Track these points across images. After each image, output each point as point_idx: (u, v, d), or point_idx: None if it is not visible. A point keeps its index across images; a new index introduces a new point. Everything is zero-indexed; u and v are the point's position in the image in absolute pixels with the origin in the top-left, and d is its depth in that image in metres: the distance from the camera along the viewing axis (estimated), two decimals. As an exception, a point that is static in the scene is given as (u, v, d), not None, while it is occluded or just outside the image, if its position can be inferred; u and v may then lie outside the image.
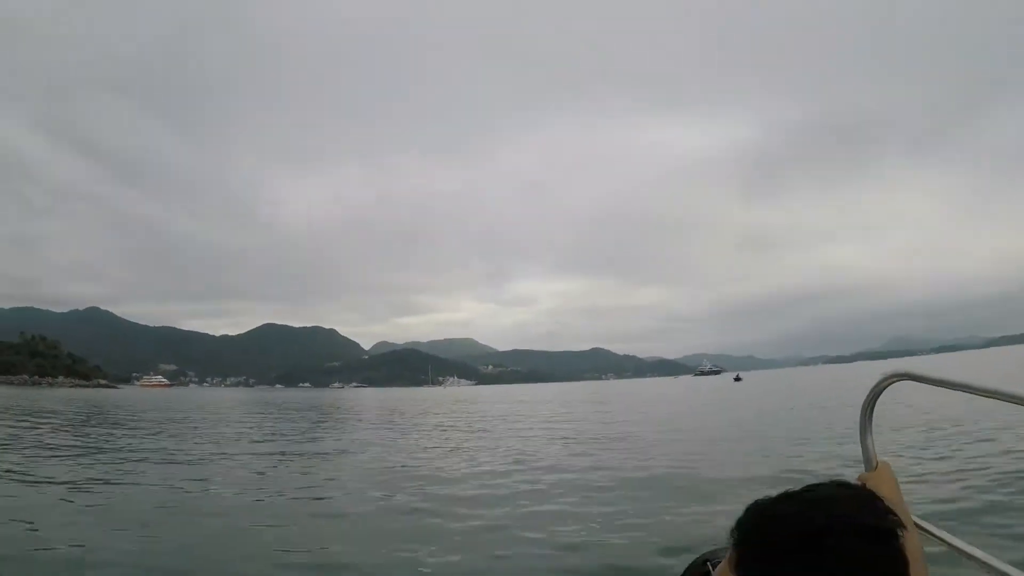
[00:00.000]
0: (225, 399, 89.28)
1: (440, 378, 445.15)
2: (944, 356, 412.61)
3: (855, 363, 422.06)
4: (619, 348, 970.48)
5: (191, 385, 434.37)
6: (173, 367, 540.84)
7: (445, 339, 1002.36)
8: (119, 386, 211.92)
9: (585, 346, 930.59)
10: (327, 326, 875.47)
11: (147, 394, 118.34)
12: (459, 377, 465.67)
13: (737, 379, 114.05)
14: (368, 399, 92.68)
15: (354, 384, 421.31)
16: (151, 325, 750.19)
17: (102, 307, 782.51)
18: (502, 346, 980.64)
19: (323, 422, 35.18)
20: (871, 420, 1.35)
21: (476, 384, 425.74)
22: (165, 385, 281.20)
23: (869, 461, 1.32)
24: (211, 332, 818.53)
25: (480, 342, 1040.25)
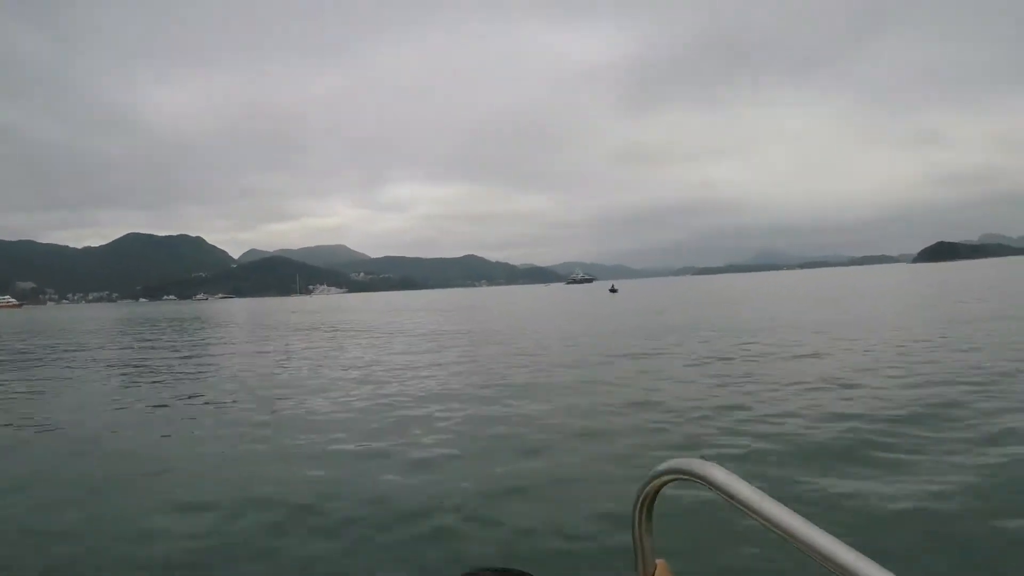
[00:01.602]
0: (77, 318, 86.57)
1: (310, 287, 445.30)
2: (806, 271, 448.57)
3: (724, 275, 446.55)
4: (493, 255, 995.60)
5: (49, 304, 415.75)
6: (31, 285, 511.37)
7: (317, 246, 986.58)
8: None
9: (459, 253, 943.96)
10: (194, 234, 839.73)
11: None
12: (330, 285, 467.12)
13: (613, 290, 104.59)
14: (225, 312, 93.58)
15: (220, 295, 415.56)
16: (7, 240, 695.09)
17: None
18: (375, 253, 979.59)
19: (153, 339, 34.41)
20: (649, 517, 1.08)
21: (347, 292, 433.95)
22: (13, 306, 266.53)
23: (646, 565, 1.09)
24: (74, 244, 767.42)
25: (353, 249, 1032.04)
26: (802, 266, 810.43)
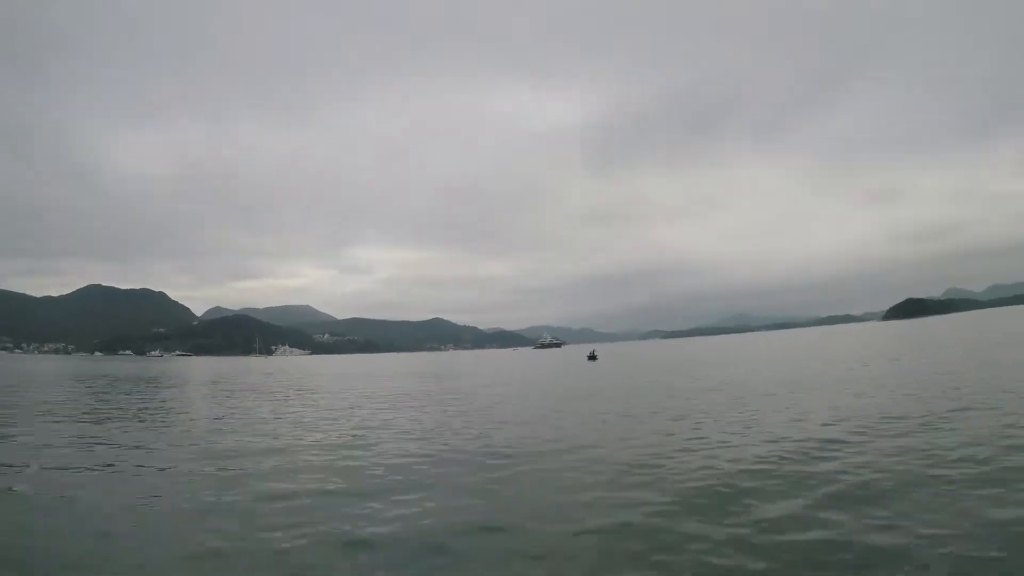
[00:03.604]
0: (20, 371, 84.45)
1: (272, 347, 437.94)
2: (778, 332, 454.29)
3: (693, 338, 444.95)
4: (460, 319, 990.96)
5: (1, 352, 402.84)
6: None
7: (282, 306, 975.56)
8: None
9: (426, 316, 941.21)
10: (157, 288, 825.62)
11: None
12: (292, 346, 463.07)
13: (592, 357, 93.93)
14: (177, 371, 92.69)
15: (177, 353, 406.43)
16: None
17: None
18: (341, 314, 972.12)
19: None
20: None
21: (310, 354, 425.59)
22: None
23: None
24: (34, 293, 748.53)
25: (318, 309, 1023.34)
26: (769, 327, 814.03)
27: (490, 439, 17.99)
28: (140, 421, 24.63)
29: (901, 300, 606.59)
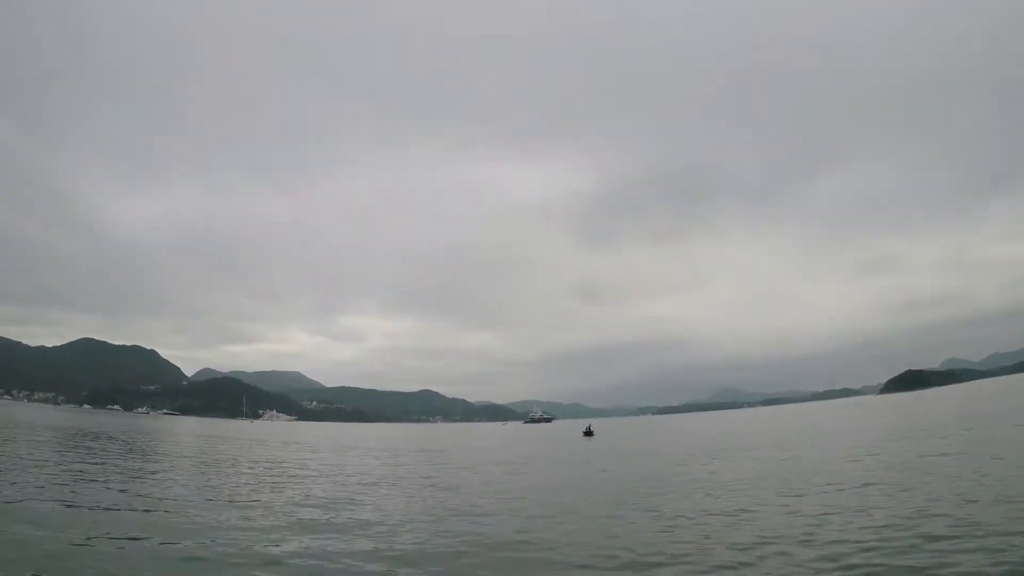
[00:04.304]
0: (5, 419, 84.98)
1: (260, 412, 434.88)
2: (771, 408, 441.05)
3: (685, 414, 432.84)
4: (448, 391, 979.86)
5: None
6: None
7: (272, 371, 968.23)
8: None
9: (415, 387, 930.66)
10: (148, 346, 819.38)
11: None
12: (279, 411, 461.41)
13: (588, 432, 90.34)
14: (156, 430, 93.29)
15: (164, 411, 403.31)
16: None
17: None
18: (330, 382, 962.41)
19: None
20: None
21: (296, 420, 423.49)
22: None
23: None
24: (28, 341, 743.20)
25: (307, 376, 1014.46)
26: (763, 403, 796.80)
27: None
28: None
29: (899, 372, 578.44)
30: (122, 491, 21.99)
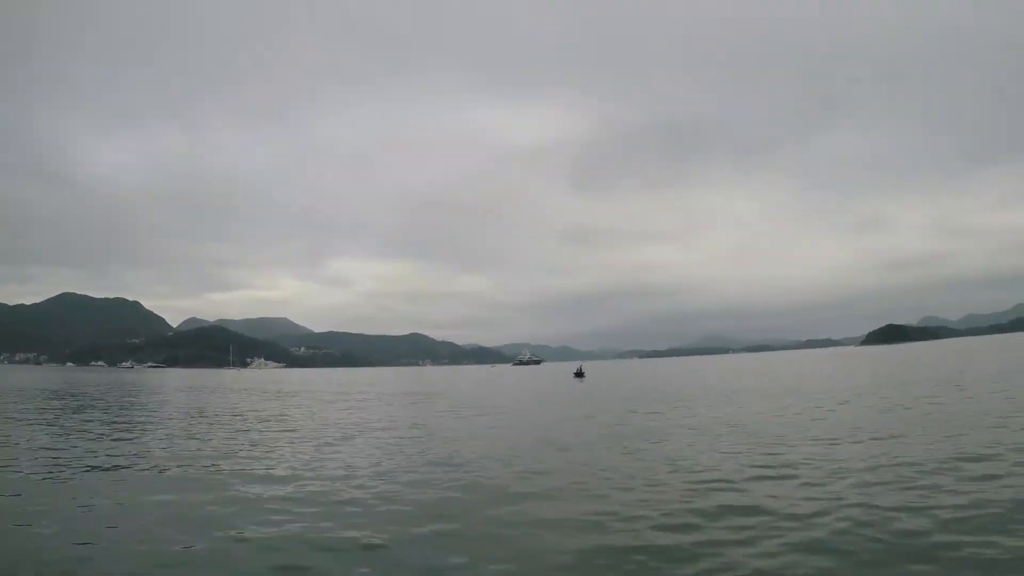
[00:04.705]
0: None
1: (248, 360, 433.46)
2: (754, 354, 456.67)
3: (669, 358, 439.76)
4: (438, 334, 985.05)
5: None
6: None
7: (259, 318, 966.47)
8: None
9: (403, 330, 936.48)
10: (132, 298, 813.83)
11: None
12: (268, 359, 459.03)
13: (579, 374, 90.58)
14: (144, 383, 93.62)
15: (149, 364, 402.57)
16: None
17: None
18: (319, 327, 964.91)
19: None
20: None
21: (285, 367, 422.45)
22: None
23: None
24: (6, 300, 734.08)
25: (295, 322, 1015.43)
26: (747, 349, 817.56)
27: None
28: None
29: (879, 326, 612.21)
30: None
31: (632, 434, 22.65)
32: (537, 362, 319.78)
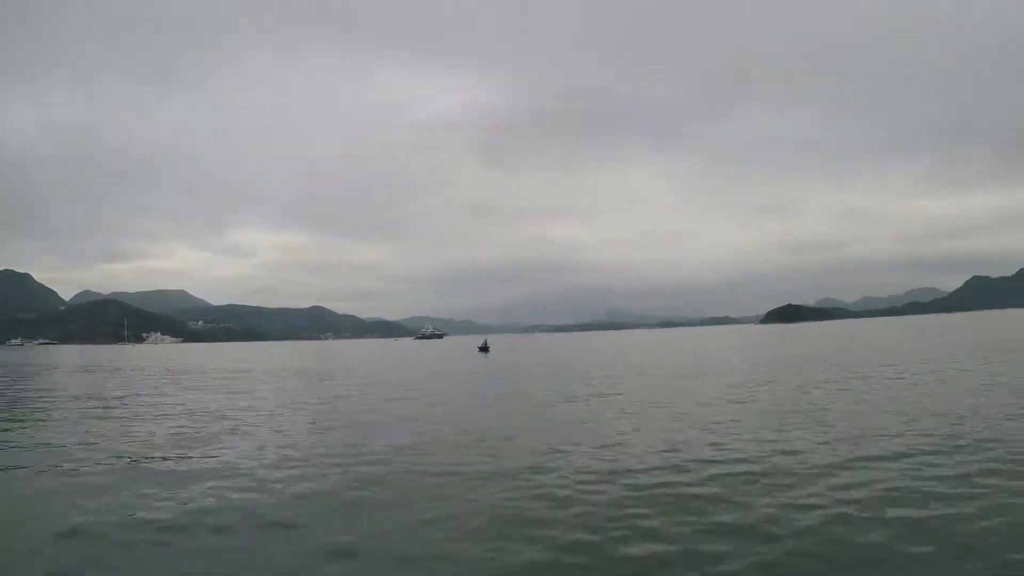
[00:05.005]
0: None
1: (144, 334, 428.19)
2: (660, 330, 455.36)
3: (574, 333, 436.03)
4: (339, 307, 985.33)
5: None
6: None
7: (155, 290, 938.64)
8: None
9: (305, 303, 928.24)
10: (21, 270, 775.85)
11: None
12: (164, 333, 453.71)
13: (484, 348, 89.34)
14: (29, 363, 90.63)
15: (40, 341, 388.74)
16: None
17: None
18: (217, 300, 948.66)
19: None
20: None
21: (183, 341, 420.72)
22: None
23: None
24: None
25: (193, 295, 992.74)
26: (652, 326, 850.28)
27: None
28: None
29: (778, 306, 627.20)
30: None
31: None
32: (440, 336, 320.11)
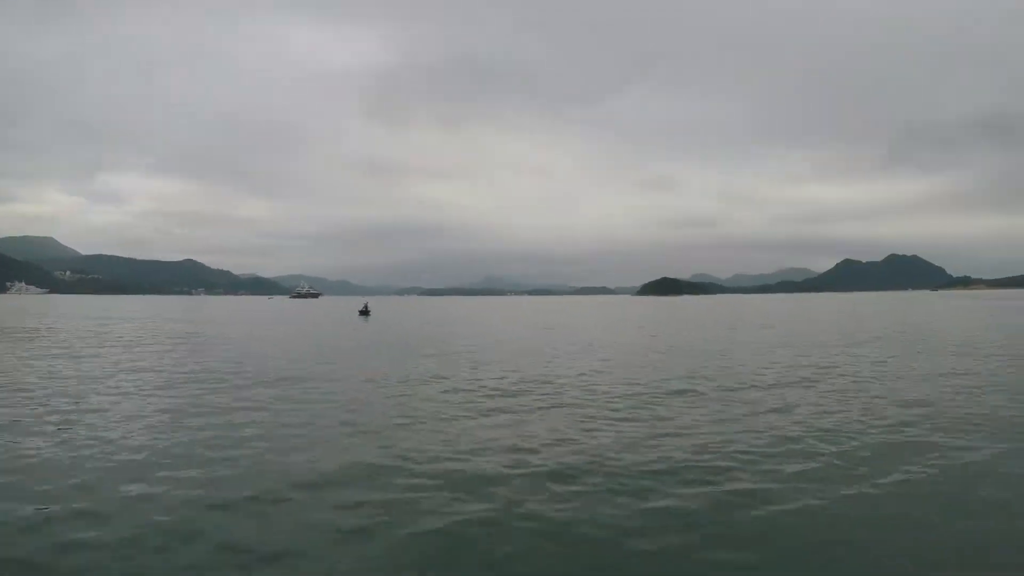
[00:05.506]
0: None
1: (7, 283, 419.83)
2: (534, 297, 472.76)
3: (447, 297, 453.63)
4: (213, 261, 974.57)
5: None
6: None
7: (22, 236, 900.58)
8: None
9: (177, 256, 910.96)
10: None
11: None
12: (28, 283, 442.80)
13: (364, 311, 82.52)
14: None
15: None
16: None
17: None
18: (87, 249, 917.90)
19: None
20: None
21: (47, 292, 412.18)
22: None
23: None
24: None
25: (62, 243, 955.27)
26: (527, 293, 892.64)
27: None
28: None
29: (654, 279, 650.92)
30: None
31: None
32: (315, 295, 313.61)
